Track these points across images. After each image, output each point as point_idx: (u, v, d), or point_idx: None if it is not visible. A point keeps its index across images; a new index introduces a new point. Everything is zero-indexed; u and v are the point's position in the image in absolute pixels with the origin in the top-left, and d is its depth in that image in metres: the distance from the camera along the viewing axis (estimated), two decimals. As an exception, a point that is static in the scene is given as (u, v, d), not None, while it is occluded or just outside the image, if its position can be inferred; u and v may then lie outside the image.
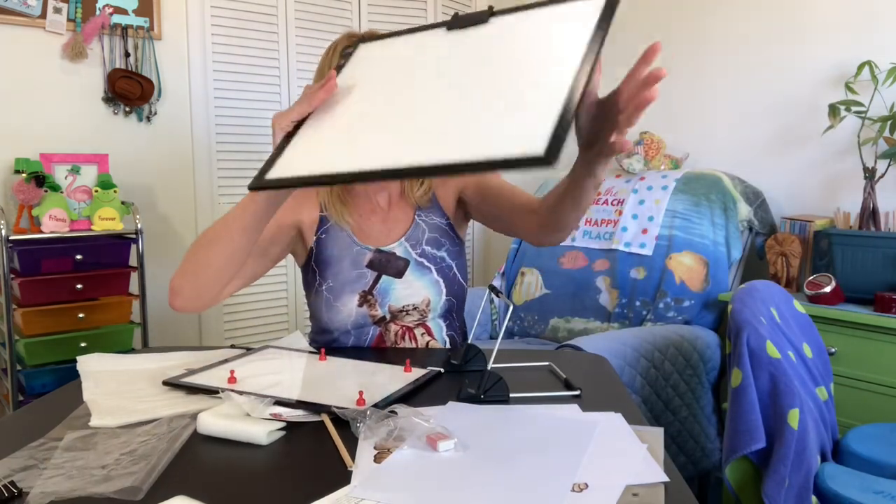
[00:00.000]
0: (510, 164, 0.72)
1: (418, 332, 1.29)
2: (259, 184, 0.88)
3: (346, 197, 1.31)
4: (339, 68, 0.99)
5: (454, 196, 1.35)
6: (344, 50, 0.99)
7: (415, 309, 1.28)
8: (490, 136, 0.76)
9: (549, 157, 0.69)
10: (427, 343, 1.29)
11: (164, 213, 2.64)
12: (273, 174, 0.88)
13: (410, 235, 1.30)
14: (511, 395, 0.96)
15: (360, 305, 1.26)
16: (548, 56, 0.82)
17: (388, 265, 1.27)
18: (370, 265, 1.27)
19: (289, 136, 0.93)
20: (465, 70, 0.87)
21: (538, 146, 0.71)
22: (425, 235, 1.31)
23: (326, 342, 1.29)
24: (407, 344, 1.29)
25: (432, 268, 1.29)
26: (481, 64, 0.87)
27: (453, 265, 1.31)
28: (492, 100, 0.80)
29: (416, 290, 1.27)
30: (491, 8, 0.93)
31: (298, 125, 0.94)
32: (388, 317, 1.27)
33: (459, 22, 0.94)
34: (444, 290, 1.29)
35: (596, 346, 1.78)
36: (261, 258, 1.20)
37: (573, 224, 1.10)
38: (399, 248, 1.28)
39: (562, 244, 2.54)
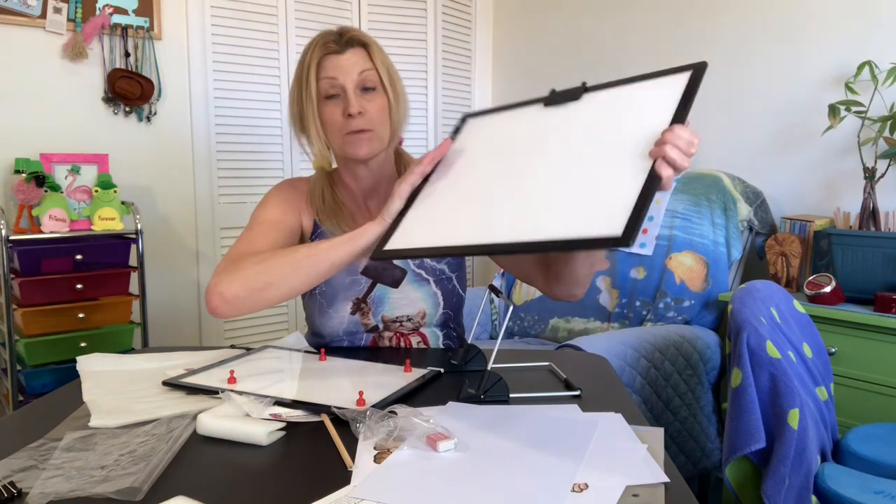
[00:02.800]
0: (593, 243, 0.84)
1: (414, 339, 1.27)
2: (383, 255, 1.00)
3: (337, 210, 1.26)
4: (454, 134, 1.11)
5: None
6: (460, 121, 1.13)
7: (409, 320, 1.25)
8: (578, 218, 0.86)
9: (626, 238, 0.80)
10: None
11: (164, 213, 2.64)
12: (394, 244, 1.00)
13: None
14: (511, 395, 0.96)
15: (353, 313, 1.24)
16: (634, 136, 0.89)
17: (383, 274, 1.21)
18: (365, 272, 1.22)
19: (407, 204, 1.03)
20: (557, 151, 0.96)
21: (616, 228, 0.82)
22: None
23: (319, 344, 1.28)
24: None
25: (430, 279, 1.26)
26: (572, 144, 0.95)
27: (453, 277, 1.28)
28: (581, 183, 0.89)
29: (412, 300, 1.25)
30: (584, 84, 1.00)
31: (416, 192, 1.04)
32: (380, 326, 1.25)
33: (556, 98, 1.02)
34: (442, 303, 1.27)
35: (596, 346, 1.78)
36: None
37: (586, 280, 1.14)
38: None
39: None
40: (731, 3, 2.53)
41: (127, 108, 2.51)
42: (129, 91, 2.45)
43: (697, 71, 0.90)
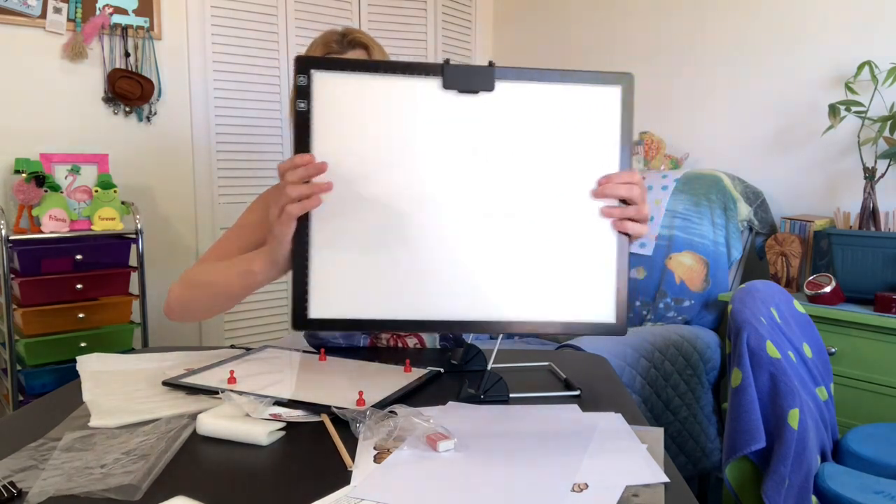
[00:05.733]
0: (587, 328, 0.88)
1: (410, 341, 1.28)
2: (309, 325, 0.86)
3: None
4: (301, 97, 0.85)
5: None
6: (297, 80, 0.85)
7: None
8: (562, 299, 0.87)
9: (622, 328, 0.88)
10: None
11: (164, 213, 2.64)
12: (321, 309, 0.86)
13: None
14: (511, 395, 0.96)
15: None
16: (587, 181, 0.87)
17: None
18: None
19: (301, 240, 0.86)
20: (496, 181, 0.86)
21: (609, 314, 0.88)
22: None
23: (318, 345, 1.28)
24: None
25: None
26: (513, 174, 0.86)
27: None
28: (544, 247, 0.87)
29: None
30: (492, 64, 0.88)
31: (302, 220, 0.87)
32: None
33: (459, 81, 0.86)
34: None
35: (596, 346, 1.78)
36: None
37: None
38: None
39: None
40: (731, 3, 2.53)
41: (127, 108, 2.51)
42: (129, 91, 2.45)
43: (626, 91, 0.88)
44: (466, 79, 0.86)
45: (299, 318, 0.86)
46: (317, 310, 0.86)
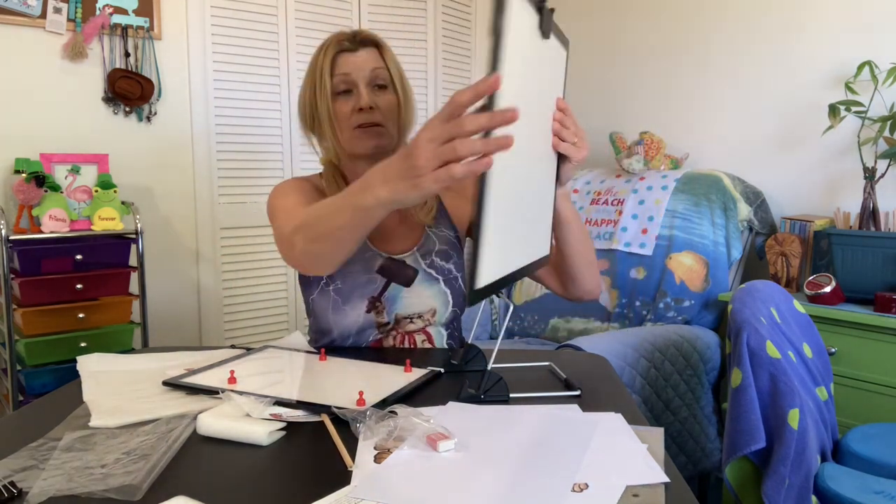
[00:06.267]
0: (536, 265, 1.02)
1: (419, 337, 1.28)
2: (474, 298, 0.73)
3: None
4: (498, 31, 0.66)
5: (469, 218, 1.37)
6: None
7: (419, 317, 1.27)
8: (541, 242, 1.02)
9: (550, 256, 1.10)
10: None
11: (164, 213, 2.64)
12: (485, 276, 0.74)
13: (422, 246, 1.29)
14: (511, 395, 0.96)
15: (368, 311, 1.24)
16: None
17: (398, 273, 1.23)
18: (381, 271, 1.23)
19: (480, 204, 0.69)
20: (525, 131, 0.85)
21: (547, 248, 1.07)
22: (436, 247, 1.30)
23: (324, 343, 1.28)
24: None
25: (440, 279, 1.28)
26: (532, 124, 0.89)
27: (459, 277, 1.30)
28: (539, 192, 0.96)
29: (422, 299, 1.26)
30: (552, 11, 0.86)
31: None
32: (392, 323, 1.26)
33: (545, 26, 0.83)
34: (451, 302, 1.28)
35: (596, 346, 1.78)
36: None
37: (580, 269, 1.18)
38: (410, 258, 1.27)
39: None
40: (731, 3, 2.53)
41: (127, 108, 2.50)
42: (129, 91, 2.45)
43: (568, 54, 1.03)
44: (548, 23, 0.84)
45: (470, 291, 0.73)
46: (481, 279, 0.74)
